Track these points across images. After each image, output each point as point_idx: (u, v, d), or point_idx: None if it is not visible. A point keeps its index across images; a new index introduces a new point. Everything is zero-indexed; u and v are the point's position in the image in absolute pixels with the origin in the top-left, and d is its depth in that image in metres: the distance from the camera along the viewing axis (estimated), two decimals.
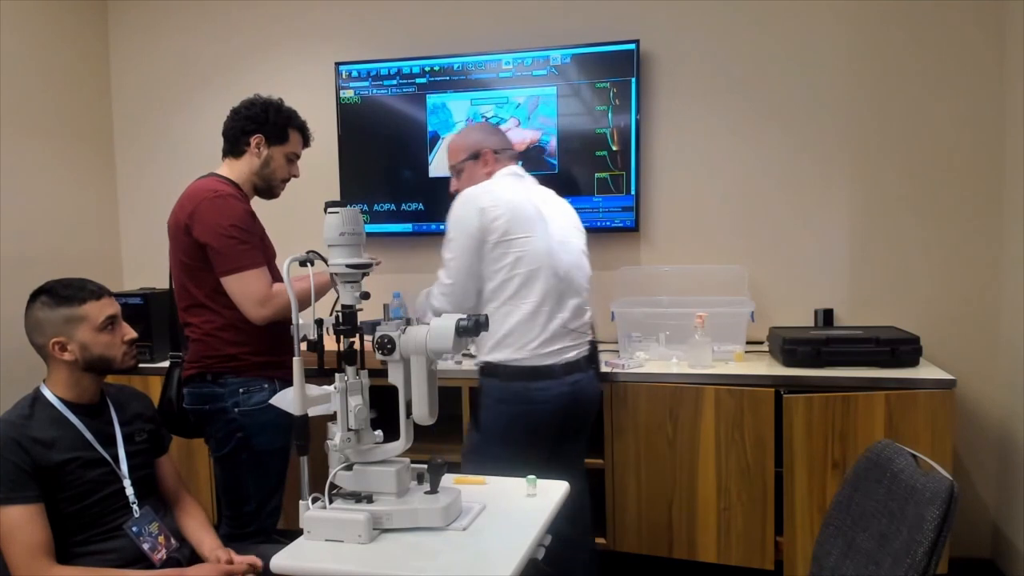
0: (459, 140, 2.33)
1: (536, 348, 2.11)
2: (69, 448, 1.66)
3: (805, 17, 2.89)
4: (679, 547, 2.58)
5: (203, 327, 2.08)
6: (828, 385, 2.44)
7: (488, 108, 3.08)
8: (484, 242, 2.09)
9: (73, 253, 3.32)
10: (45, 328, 1.70)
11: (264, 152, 2.16)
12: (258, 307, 2.00)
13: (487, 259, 2.11)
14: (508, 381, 2.11)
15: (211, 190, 2.05)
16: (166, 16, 3.49)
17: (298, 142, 2.24)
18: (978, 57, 2.77)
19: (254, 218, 2.09)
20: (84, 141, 3.43)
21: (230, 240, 1.99)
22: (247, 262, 2.00)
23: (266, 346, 2.08)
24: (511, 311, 2.11)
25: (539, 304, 2.11)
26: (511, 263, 2.10)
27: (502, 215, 2.09)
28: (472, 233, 2.10)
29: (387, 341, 1.53)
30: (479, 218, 2.09)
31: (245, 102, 2.19)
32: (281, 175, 2.22)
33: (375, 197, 3.25)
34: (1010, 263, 2.74)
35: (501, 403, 2.13)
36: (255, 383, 2.07)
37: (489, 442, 2.13)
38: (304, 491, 2.00)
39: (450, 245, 2.14)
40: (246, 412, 2.06)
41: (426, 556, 1.41)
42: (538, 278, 2.11)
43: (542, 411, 2.13)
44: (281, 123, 2.17)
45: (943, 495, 1.27)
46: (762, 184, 2.98)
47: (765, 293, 2.96)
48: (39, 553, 1.56)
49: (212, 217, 2.00)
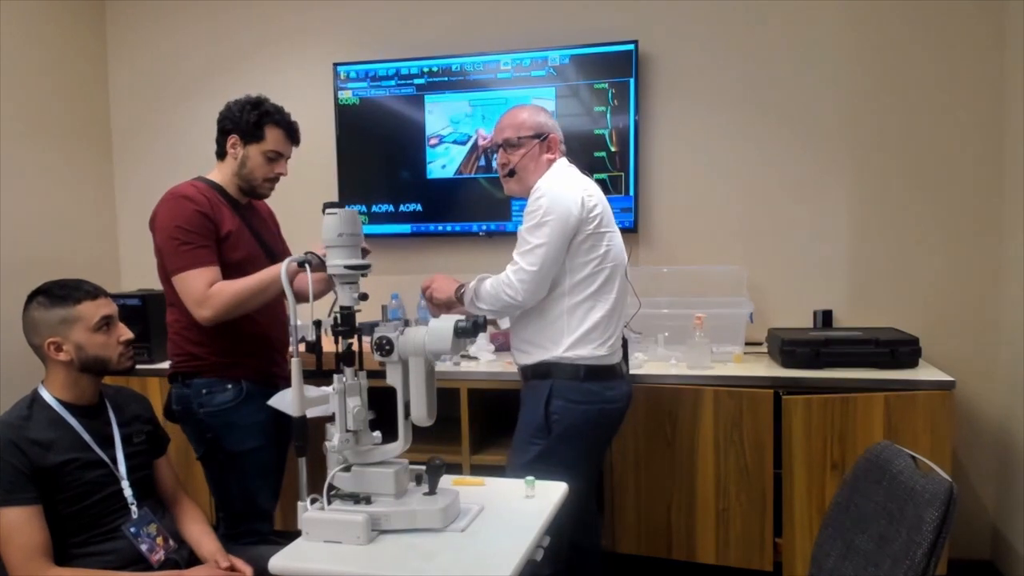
0: (526, 115, 2.19)
1: (613, 344, 2.09)
2: (67, 449, 1.66)
3: (804, 17, 2.89)
4: (678, 548, 2.58)
5: (173, 326, 2.11)
6: (827, 386, 2.44)
7: (487, 108, 3.09)
8: (579, 232, 2.03)
9: (71, 254, 3.32)
10: (41, 328, 1.70)
11: (240, 152, 2.13)
12: (196, 308, 1.99)
13: (577, 251, 2.04)
14: (585, 380, 2.05)
15: (172, 193, 2.06)
16: (164, 16, 3.49)
17: (278, 139, 2.15)
18: (978, 57, 2.77)
19: (206, 218, 2.02)
20: (82, 142, 3.43)
21: (172, 241, 1.99)
22: (187, 262, 1.99)
23: (226, 346, 2.07)
24: (594, 306, 2.06)
25: (619, 300, 2.10)
26: (601, 256, 2.06)
27: (597, 206, 2.06)
28: (571, 222, 2.00)
29: (385, 342, 1.53)
30: (579, 208, 2.02)
31: (228, 103, 2.16)
32: (261, 174, 2.15)
33: (373, 198, 3.25)
34: (1010, 264, 2.74)
35: (579, 404, 2.05)
36: (217, 384, 2.07)
37: (564, 445, 2.05)
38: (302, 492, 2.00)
39: (541, 231, 2.00)
40: (211, 413, 2.06)
41: (424, 557, 1.40)
42: (619, 274, 2.11)
43: (613, 411, 2.11)
44: (254, 121, 2.11)
45: (942, 496, 1.27)
46: (761, 185, 2.98)
47: (764, 294, 2.96)
48: (37, 555, 1.56)
49: (161, 219, 2.03)
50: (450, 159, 3.14)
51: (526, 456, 2.08)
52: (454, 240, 3.22)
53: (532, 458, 2.06)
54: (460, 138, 3.13)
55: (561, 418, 2.05)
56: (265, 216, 2.33)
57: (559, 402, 2.05)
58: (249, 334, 2.10)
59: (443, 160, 3.15)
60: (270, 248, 2.23)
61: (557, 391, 2.06)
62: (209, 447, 2.09)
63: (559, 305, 2.06)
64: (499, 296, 2.04)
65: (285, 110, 2.18)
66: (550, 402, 2.06)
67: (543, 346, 2.09)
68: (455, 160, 3.14)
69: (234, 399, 2.07)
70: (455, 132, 3.13)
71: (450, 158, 3.14)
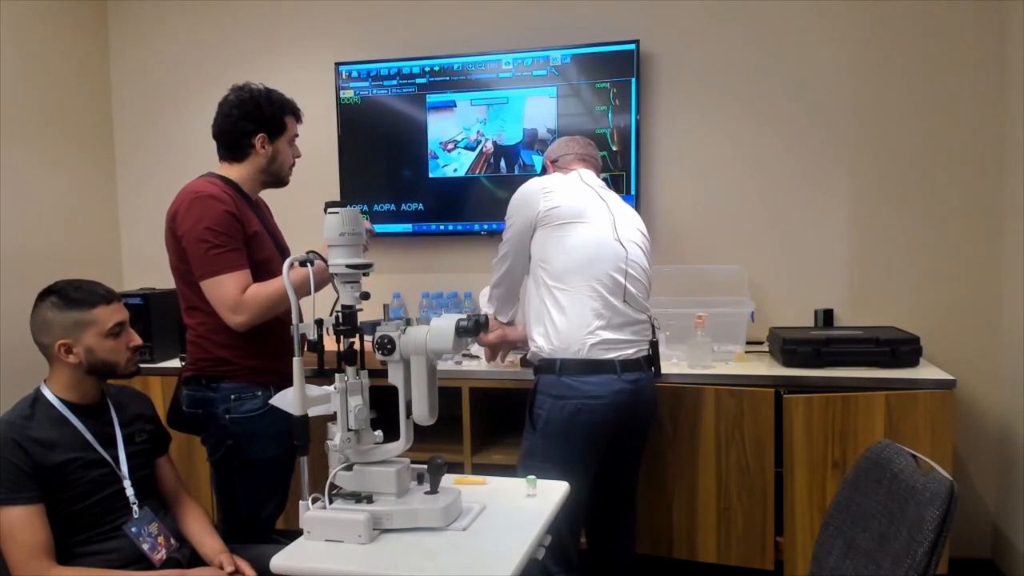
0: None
1: (596, 337, 2.08)
2: (69, 449, 1.66)
3: (805, 16, 2.89)
4: (679, 547, 2.58)
5: (197, 329, 2.04)
6: (828, 385, 2.44)
7: (486, 108, 3.09)
8: (539, 224, 2.14)
9: (73, 253, 3.32)
10: (53, 329, 1.69)
11: (269, 148, 2.10)
12: (230, 314, 1.93)
13: (545, 243, 2.13)
14: (562, 375, 2.07)
15: (193, 191, 1.99)
16: (166, 16, 3.49)
17: (294, 124, 2.16)
18: (978, 56, 2.77)
19: (235, 219, 1.98)
20: (84, 141, 3.43)
21: (202, 244, 1.92)
22: (219, 266, 1.93)
23: (258, 350, 2.02)
24: (571, 299, 2.09)
25: (607, 295, 2.10)
26: (572, 248, 2.10)
27: (556, 198, 2.14)
28: (528, 216, 2.16)
29: (387, 341, 1.53)
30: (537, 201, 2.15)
31: (232, 99, 2.09)
32: (288, 163, 2.16)
33: (375, 197, 3.25)
34: (1010, 263, 2.74)
35: (556, 399, 2.07)
36: (247, 390, 2.01)
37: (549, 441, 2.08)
38: (304, 491, 2.00)
39: (507, 232, 2.22)
40: (237, 420, 2.00)
41: (426, 556, 1.41)
42: (600, 267, 2.10)
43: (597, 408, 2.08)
44: (278, 115, 2.10)
45: (943, 495, 1.27)
46: (762, 184, 2.98)
47: (765, 293, 2.96)
48: (39, 554, 1.56)
49: (189, 220, 1.95)
50: (461, 163, 3.15)
51: (520, 452, 2.15)
52: (456, 239, 3.22)
53: (523, 454, 2.13)
54: (471, 144, 3.13)
55: (541, 413, 2.09)
56: (269, 213, 2.31)
57: (540, 396, 2.10)
58: (279, 337, 2.04)
59: (455, 164, 3.16)
60: (282, 245, 2.21)
61: (540, 386, 2.11)
62: (227, 453, 2.02)
63: (538, 297, 2.14)
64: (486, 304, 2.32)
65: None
66: (534, 397, 2.12)
67: (532, 338, 2.17)
68: (465, 164, 3.15)
69: (262, 407, 1.99)
70: (465, 138, 3.14)
71: (461, 162, 3.15)
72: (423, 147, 3.18)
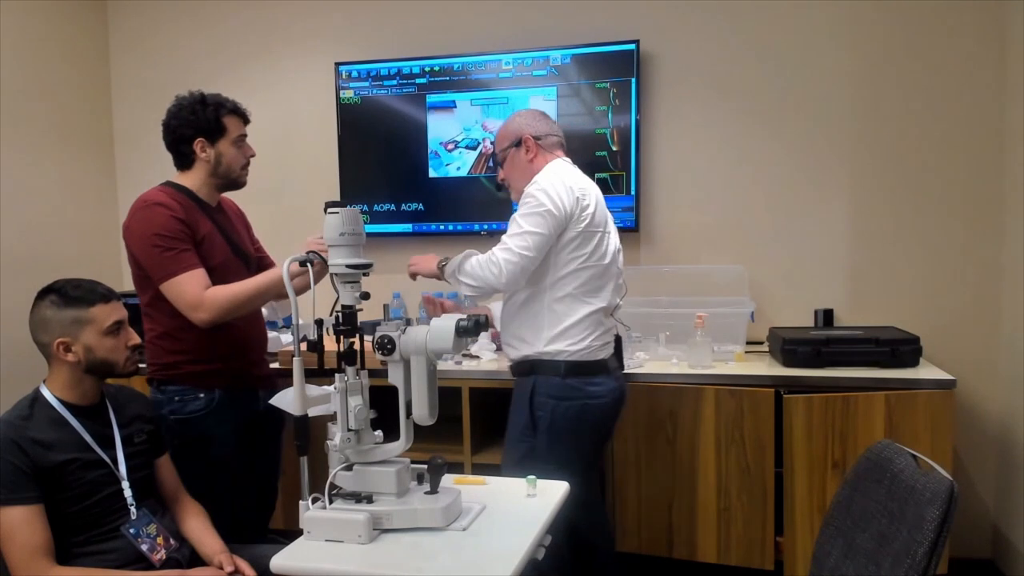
0: (502, 128, 2.26)
1: (597, 340, 2.10)
2: (68, 449, 1.66)
3: (805, 17, 2.89)
4: (679, 547, 2.58)
5: (147, 334, 2.10)
6: (828, 385, 2.44)
7: (487, 108, 3.09)
8: (569, 228, 2.05)
9: (73, 254, 3.32)
10: (51, 327, 1.69)
11: (210, 152, 2.10)
12: (192, 312, 1.97)
13: (565, 247, 2.06)
14: (566, 376, 2.07)
15: (143, 200, 2.04)
16: (166, 16, 3.49)
17: (237, 124, 2.14)
18: (979, 58, 2.77)
19: (182, 223, 2.01)
20: (84, 142, 3.43)
21: (154, 249, 1.97)
22: (173, 268, 1.97)
23: (204, 355, 2.06)
24: (576, 303, 2.07)
25: (607, 299, 2.11)
26: (587, 255, 2.07)
27: (591, 204, 2.08)
28: (563, 217, 2.02)
29: (387, 341, 1.53)
30: (573, 204, 2.03)
31: (172, 108, 2.10)
32: (237, 164, 2.14)
33: (375, 197, 3.25)
34: (1010, 263, 2.74)
35: (560, 400, 2.07)
36: (190, 392, 2.06)
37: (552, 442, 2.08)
38: (304, 491, 2.00)
39: (535, 219, 2.01)
40: (180, 420, 2.05)
41: (426, 556, 1.41)
42: (608, 274, 2.12)
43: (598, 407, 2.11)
44: (213, 117, 2.09)
45: (943, 495, 1.27)
46: (762, 184, 2.98)
47: (765, 293, 2.96)
48: (39, 554, 1.56)
49: (136, 228, 2.01)
50: (463, 162, 3.16)
51: (516, 454, 2.12)
52: (455, 239, 3.22)
53: (522, 456, 2.10)
54: (471, 143, 3.14)
55: (545, 415, 2.08)
56: (233, 217, 2.29)
57: (541, 398, 2.09)
58: (227, 338, 2.08)
59: (457, 163, 3.16)
60: (242, 251, 2.21)
61: (540, 387, 2.09)
62: (175, 454, 2.01)
63: (540, 300, 2.10)
64: (483, 274, 2.03)
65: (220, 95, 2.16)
66: (534, 399, 2.10)
67: (527, 340, 2.12)
68: (467, 164, 3.16)
69: (205, 407, 2.06)
70: (467, 138, 3.14)
71: (463, 161, 3.16)
72: (423, 147, 3.18)
